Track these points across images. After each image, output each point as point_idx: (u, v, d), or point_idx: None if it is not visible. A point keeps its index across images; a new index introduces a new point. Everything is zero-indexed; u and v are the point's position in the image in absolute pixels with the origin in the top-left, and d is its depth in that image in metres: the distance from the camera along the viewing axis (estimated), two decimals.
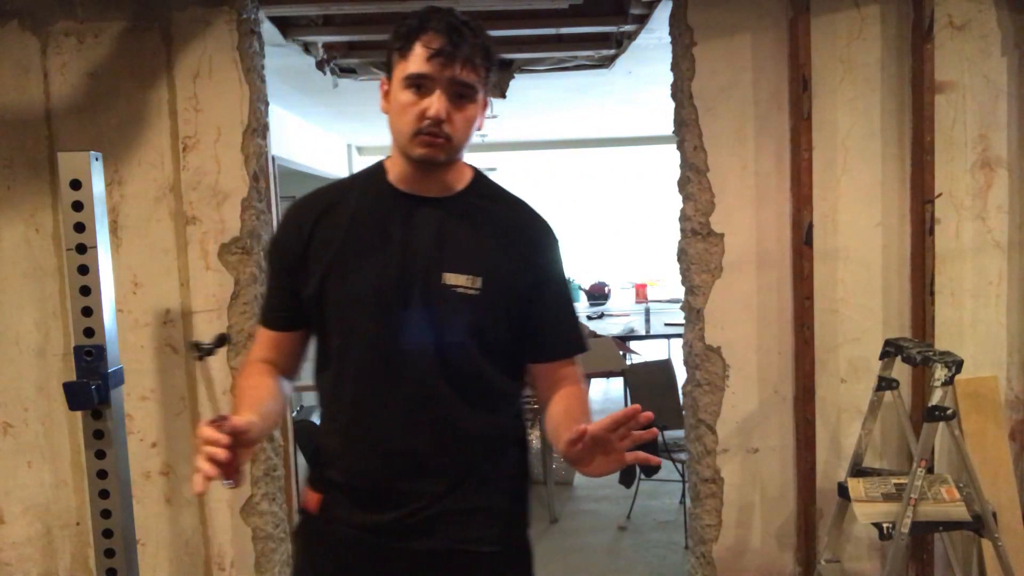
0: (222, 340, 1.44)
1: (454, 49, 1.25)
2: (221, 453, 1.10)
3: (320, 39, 3.04)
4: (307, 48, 3.09)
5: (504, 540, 1.42)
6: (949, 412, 2.13)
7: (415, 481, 1.36)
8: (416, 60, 1.26)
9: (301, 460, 4.28)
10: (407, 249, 1.33)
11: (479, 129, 1.38)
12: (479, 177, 1.44)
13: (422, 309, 1.32)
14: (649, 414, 1.14)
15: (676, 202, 2.71)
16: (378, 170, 1.41)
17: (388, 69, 1.34)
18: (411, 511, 1.36)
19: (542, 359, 1.43)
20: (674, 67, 2.63)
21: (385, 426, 1.35)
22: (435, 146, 1.29)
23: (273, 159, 2.82)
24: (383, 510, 1.37)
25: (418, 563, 1.38)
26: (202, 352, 1.39)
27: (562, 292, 1.45)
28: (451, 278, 1.32)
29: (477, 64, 1.29)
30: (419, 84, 1.27)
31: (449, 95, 1.27)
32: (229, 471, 1.12)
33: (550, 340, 1.42)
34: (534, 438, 4.55)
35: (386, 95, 1.34)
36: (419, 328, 1.32)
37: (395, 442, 1.35)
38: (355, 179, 1.46)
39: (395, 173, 1.38)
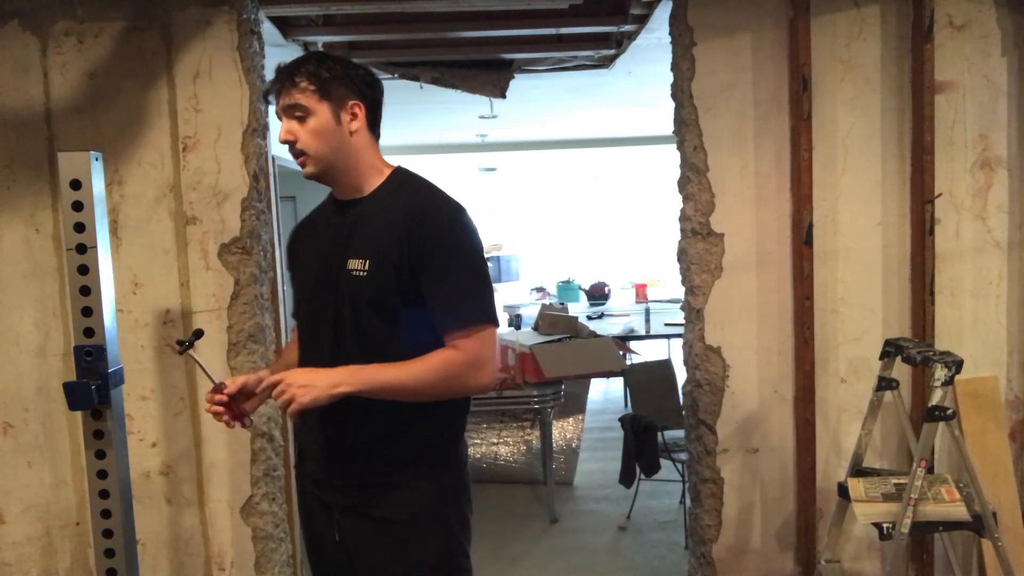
0: (199, 334, 1.82)
1: (274, 85, 1.58)
2: (218, 409, 1.57)
3: (320, 39, 3.04)
4: (307, 48, 3.09)
5: (408, 514, 1.59)
6: (949, 412, 2.13)
7: (333, 446, 1.62)
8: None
9: None
10: (327, 246, 1.64)
11: (354, 132, 1.59)
12: (395, 175, 1.67)
13: (334, 293, 1.60)
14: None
15: (676, 202, 2.71)
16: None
17: None
18: (332, 472, 1.64)
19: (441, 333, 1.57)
20: (674, 67, 2.63)
21: None
22: (301, 164, 1.60)
23: (273, 159, 2.82)
24: (317, 467, 1.67)
25: (344, 517, 1.64)
26: (182, 347, 1.64)
27: (446, 267, 1.54)
28: (351, 264, 1.58)
29: (296, 84, 1.55)
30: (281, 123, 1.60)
31: (290, 119, 1.57)
32: (234, 419, 1.58)
33: (437, 314, 1.55)
34: (533, 438, 4.56)
35: None
36: (331, 309, 1.60)
37: (315, 410, 1.53)
38: (324, 200, 1.78)
39: (333, 190, 1.71)
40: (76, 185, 1.87)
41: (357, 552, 1.64)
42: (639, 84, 4.50)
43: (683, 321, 2.76)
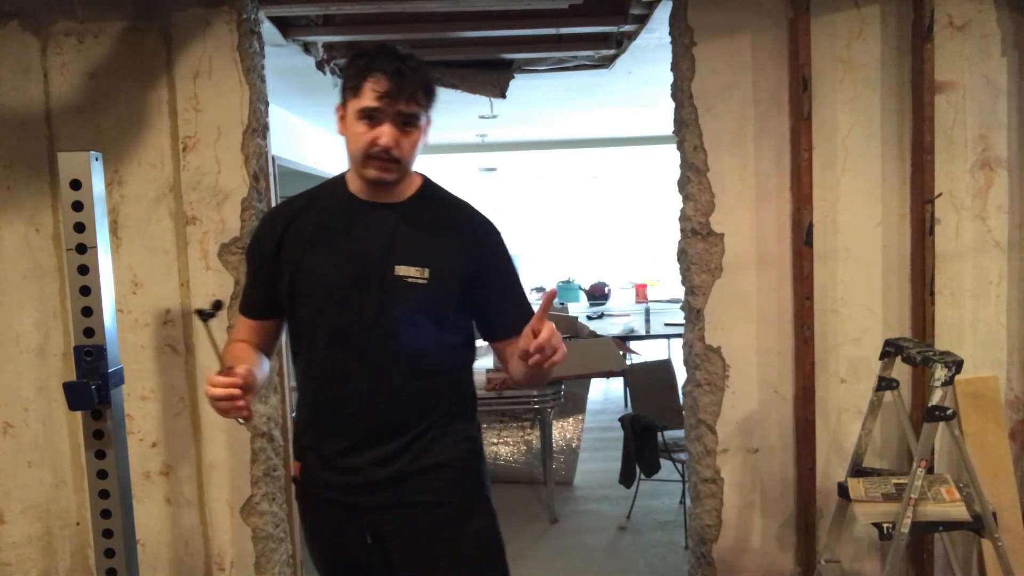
0: (219, 305, 1.87)
1: (399, 89, 1.49)
2: (235, 392, 1.42)
3: (320, 39, 3.04)
4: (307, 48, 3.09)
5: (455, 494, 1.62)
6: (949, 412, 2.13)
7: (373, 443, 1.58)
8: (367, 96, 1.49)
9: None
10: (363, 247, 1.57)
11: (424, 146, 1.62)
12: (427, 183, 1.67)
13: (377, 296, 1.56)
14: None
15: (676, 202, 2.71)
16: (340, 180, 1.66)
17: (343, 99, 1.56)
18: (371, 470, 1.58)
19: (497, 338, 1.66)
20: (674, 67, 2.63)
21: (346, 396, 1.58)
22: (386, 169, 1.53)
23: (273, 159, 2.82)
24: (348, 470, 1.60)
25: (381, 515, 1.60)
26: (204, 316, 1.62)
27: (505, 278, 1.66)
28: (402, 270, 1.56)
29: (419, 97, 1.53)
30: (370, 116, 1.50)
31: (396, 124, 1.51)
32: (242, 411, 1.44)
33: (502, 321, 1.64)
34: (533, 438, 4.56)
35: (342, 119, 1.57)
36: (375, 312, 1.56)
37: (354, 410, 1.57)
38: (321, 189, 1.69)
39: (354, 185, 1.62)
40: (76, 185, 1.87)
41: (400, 547, 1.62)
42: (639, 84, 4.50)
43: (683, 321, 2.76)
